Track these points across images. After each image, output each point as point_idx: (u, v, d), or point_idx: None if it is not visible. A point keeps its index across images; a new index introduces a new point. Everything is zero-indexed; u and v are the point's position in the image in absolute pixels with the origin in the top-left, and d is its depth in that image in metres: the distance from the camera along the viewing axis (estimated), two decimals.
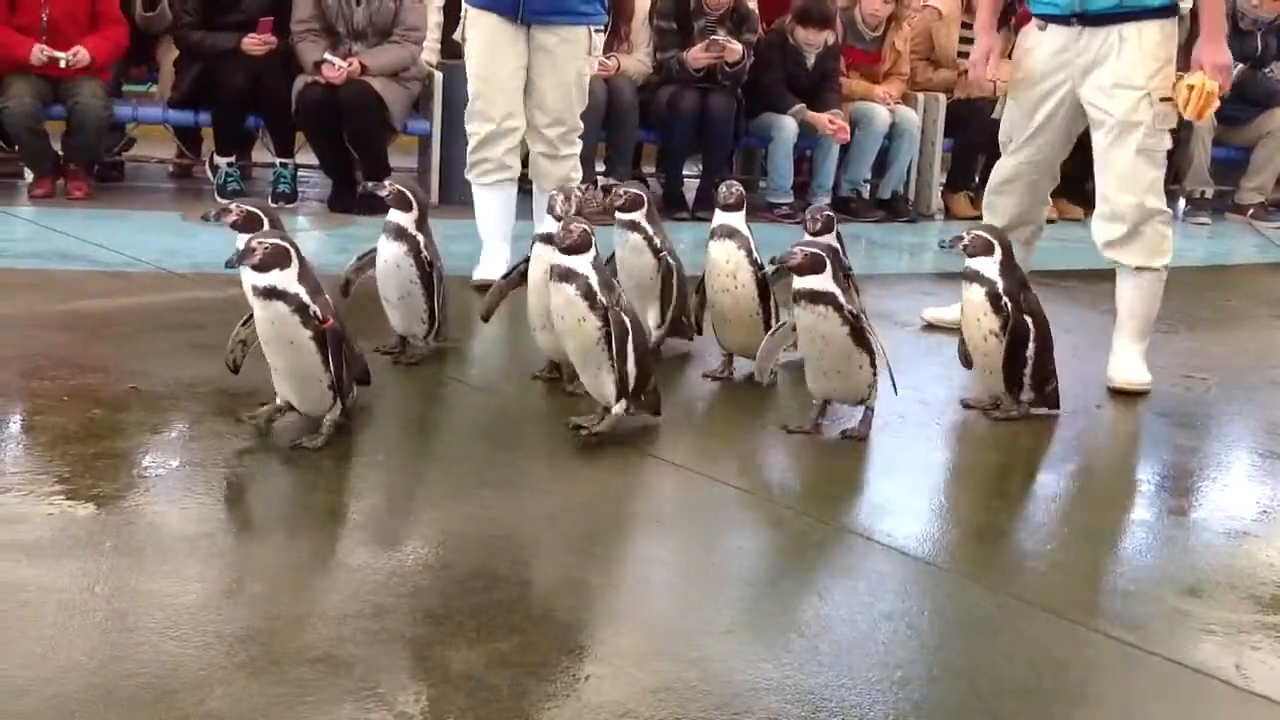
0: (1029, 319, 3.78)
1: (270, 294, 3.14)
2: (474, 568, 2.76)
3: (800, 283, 3.45)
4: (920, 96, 8.22)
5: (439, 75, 7.08)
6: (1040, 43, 4.34)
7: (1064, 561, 3.02)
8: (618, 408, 3.40)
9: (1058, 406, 3.98)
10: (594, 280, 3.33)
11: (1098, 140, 4.24)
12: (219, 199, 6.61)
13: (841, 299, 3.44)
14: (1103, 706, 2.38)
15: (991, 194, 4.58)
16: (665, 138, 7.67)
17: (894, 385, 3.57)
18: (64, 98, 6.40)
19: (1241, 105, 8.55)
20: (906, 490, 3.39)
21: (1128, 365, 4.34)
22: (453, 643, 2.41)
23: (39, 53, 6.32)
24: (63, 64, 6.32)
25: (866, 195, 8.13)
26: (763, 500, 3.25)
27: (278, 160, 6.89)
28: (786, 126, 7.53)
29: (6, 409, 3.15)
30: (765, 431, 3.72)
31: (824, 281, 3.44)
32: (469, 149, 5.21)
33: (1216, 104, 4.15)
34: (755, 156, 8.54)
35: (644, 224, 4.14)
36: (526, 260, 3.86)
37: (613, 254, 4.10)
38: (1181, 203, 9.13)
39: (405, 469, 3.30)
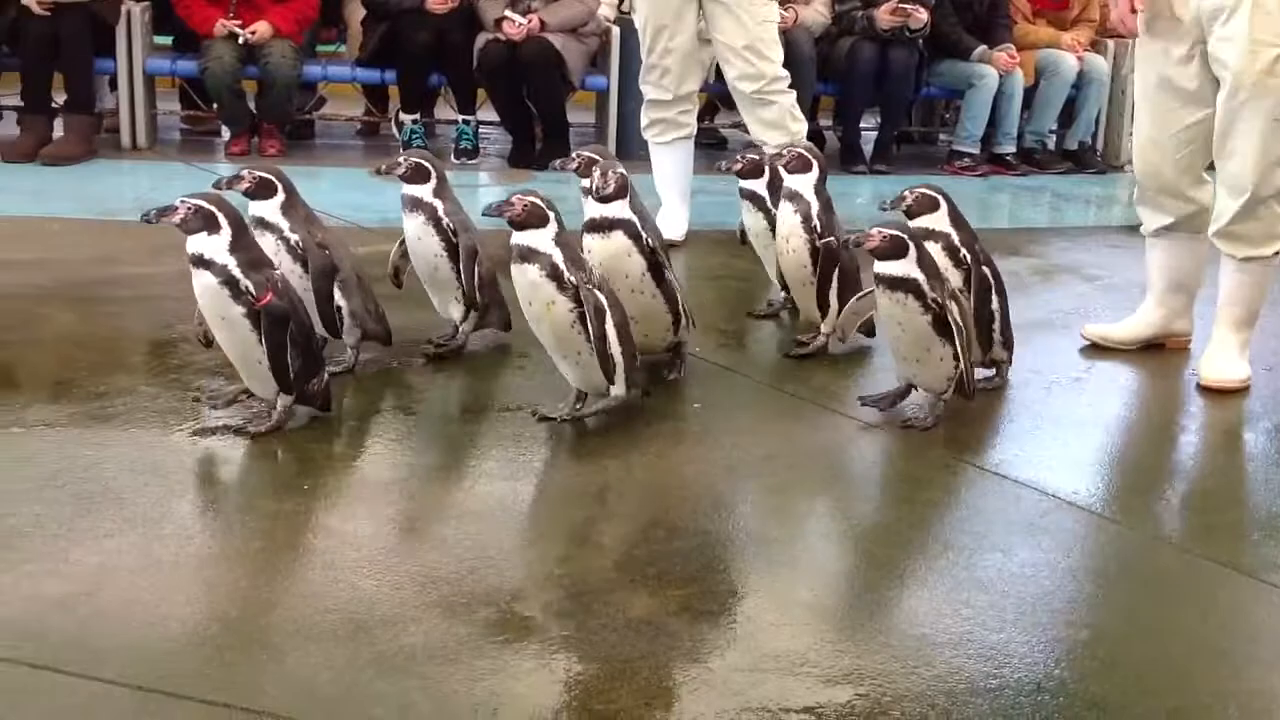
0: (987, 270, 3.55)
1: (198, 262, 2.91)
2: (654, 517, 2.80)
3: (880, 267, 3.20)
4: (1110, 43, 7.93)
5: (616, 30, 7.11)
6: None
7: (1257, 522, 2.92)
8: (617, 390, 3.17)
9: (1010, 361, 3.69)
10: (559, 257, 3.04)
11: (1221, 101, 3.66)
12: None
13: (925, 286, 3.16)
14: None
15: None
16: (843, 90, 7.57)
17: (967, 385, 3.26)
18: (258, 59, 6.63)
19: None
20: (1076, 446, 3.32)
21: (1218, 360, 3.80)
22: (633, 589, 2.46)
23: (221, 27, 6.57)
24: (240, 40, 6.54)
25: (1052, 146, 7.90)
26: (941, 455, 3.21)
27: (460, 117, 7.02)
28: (988, 74, 7.34)
29: (212, 355, 3.31)
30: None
31: (906, 267, 3.16)
32: (644, 108, 5.19)
33: None
34: (935, 107, 8.37)
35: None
36: None
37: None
38: None
39: (579, 422, 3.34)
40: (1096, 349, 4.02)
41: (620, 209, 3.37)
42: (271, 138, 6.79)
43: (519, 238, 3.05)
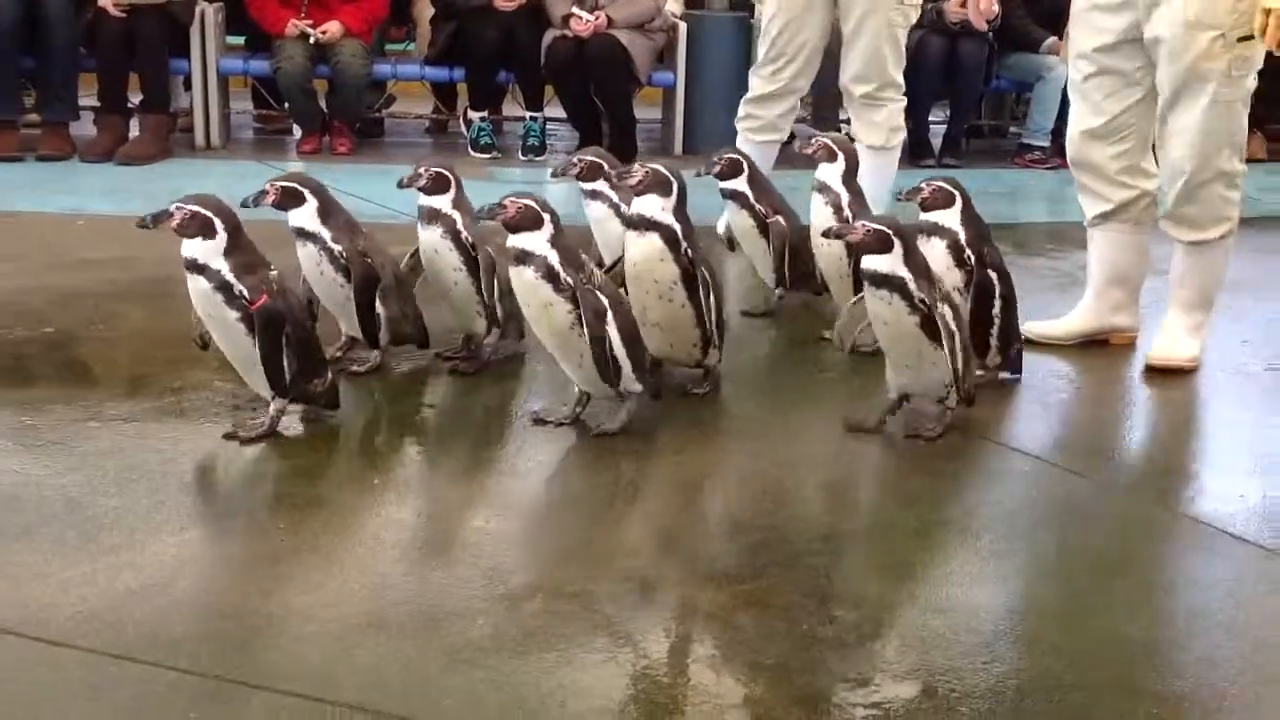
0: (993, 274, 3.45)
1: (192, 267, 2.89)
2: (724, 511, 2.81)
3: (865, 263, 3.04)
4: None
5: (683, 26, 7.11)
6: None
7: None
8: (631, 388, 3.09)
9: (1020, 371, 3.58)
10: (554, 258, 2.97)
11: (1160, 84, 3.58)
12: (473, 153, 6.82)
13: (912, 285, 3.00)
14: None
15: None
16: (911, 83, 7.50)
17: (958, 390, 3.10)
18: (329, 58, 6.71)
19: None
20: (1156, 445, 3.29)
21: (1165, 338, 3.74)
22: (701, 584, 2.46)
23: (293, 27, 6.65)
24: (312, 40, 6.62)
25: None
26: (1014, 451, 3.18)
27: (528, 114, 7.05)
28: (1057, 66, 7.24)
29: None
30: (1020, 386, 3.64)
31: (891, 263, 3.00)
32: (745, 98, 4.97)
33: None
34: (1005, 100, 8.29)
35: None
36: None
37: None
38: None
39: (646, 417, 3.35)
40: (1036, 347, 3.77)
41: (658, 209, 3.23)
42: (342, 136, 6.86)
43: (514, 240, 3.00)
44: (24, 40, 6.27)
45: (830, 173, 3.80)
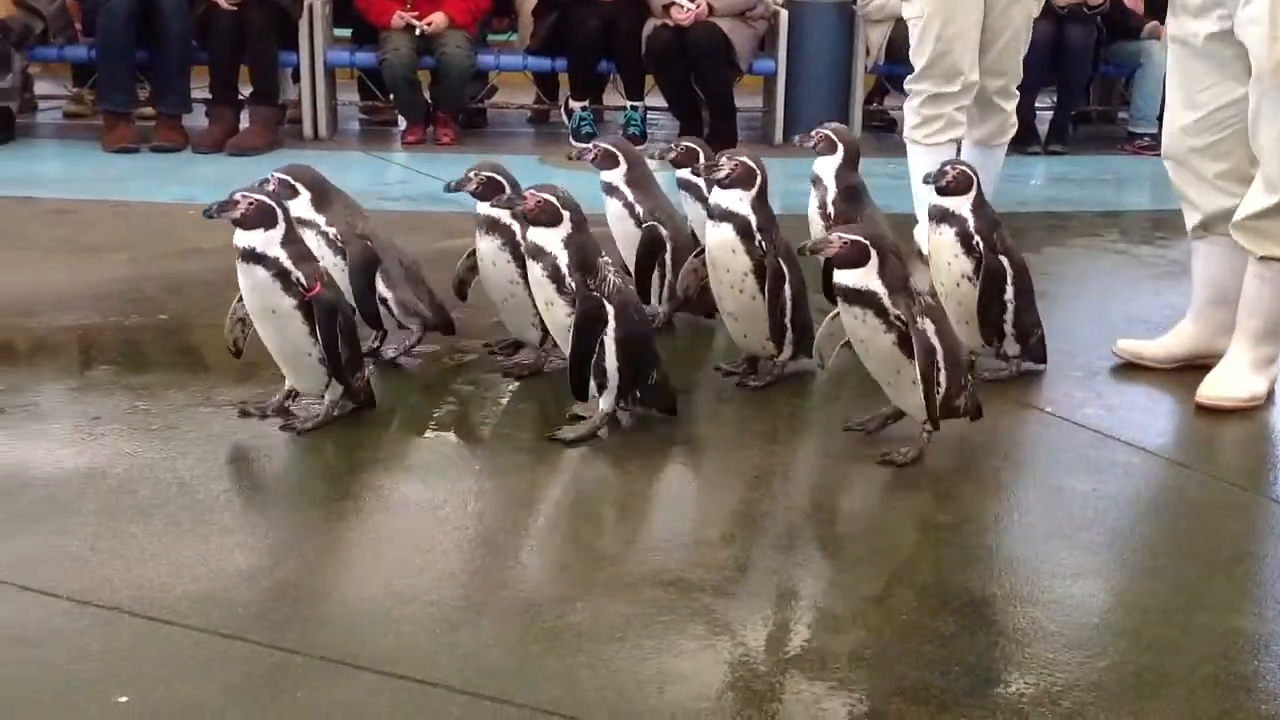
0: (1005, 260, 3.34)
1: (250, 257, 2.89)
2: (820, 501, 2.80)
3: (838, 277, 2.85)
4: None
5: (784, 14, 7.08)
6: None
7: None
8: (604, 405, 2.99)
9: (1044, 360, 3.50)
10: (563, 260, 2.93)
11: (1250, 86, 3.20)
12: (574, 142, 6.86)
13: (886, 301, 2.79)
14: None
15: None
16: None
17: (932, 423, 2.88)
18: (433, 49, 6.79)
19: None
20: (1264, 438, 3.22)
21: (1219, 375, 3.33)
22: (797, 573, 2.47)
23: (399, 19, 6.75)
24: (417, 31, 6.70)
25: None
26: (1113, 442, 3.13)
27: (628, 103, 7.08)
28: (1156, 50, 7.11)
29: (390, 342, 3.43)
30: (1116, 374, 3.58)
31: (864, 278, 2.80)
32: (914, 105, 4.70)
33: None
34: (1114, 85, 8.13)
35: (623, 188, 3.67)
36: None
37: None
38: None
39: (740, 409, 3.35)
40: (1131, 368, 3.57)
41: (737, 200, 3.22)
42: (445, 126, 6.94)
43: (531, 233, 2.98)
44: (139, 34, 6.44)
45: (825, 166, 3.72)
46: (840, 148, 3.73)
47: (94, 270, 4.33)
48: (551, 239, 2.95)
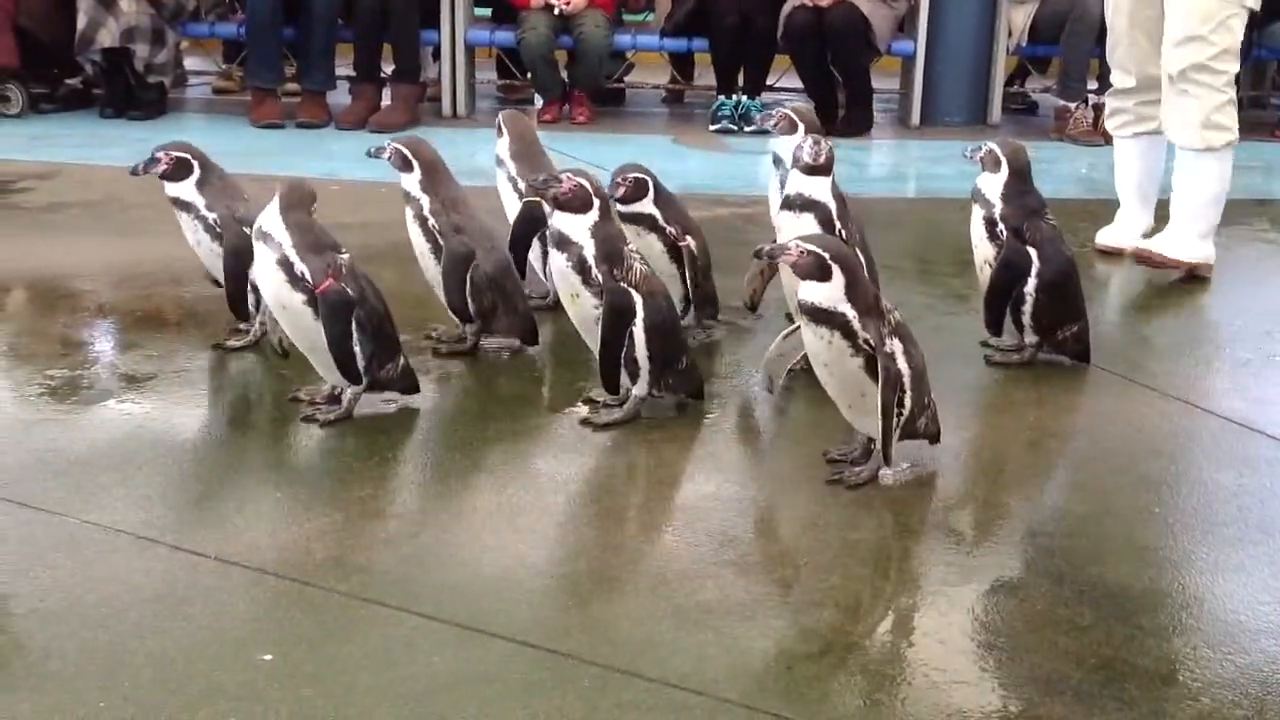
0: (1033, 251, 3.21)
1: (258, 236, 2.84)
2: (950, 486, 2.77)
3: (803, 293, 2.64)
4: None
5: None
6: None
7: None
8: (637, 391, 2.96)
9: (1087, 358, 3.37)
10: (589, 250, 2.87)
11: None
12: (711, 127, 6.85)
13: (855, 324, 2.59)
14: None
15: None
16: None
17: (886, 458, 2.69)
18: (571, 29, 6.84)
19: None
20: None
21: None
22: (928, 558, 2.46)
23: None
24: (556, 11, 6.75)
25: None
26: (1258, 436, 3.04)
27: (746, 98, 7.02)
28: None
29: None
30: (1263, 367, 3.48)
31: (831, 296, 2.59)
32: (1108, 92, 4.61)
33: None
34: (1266, 70, 7.87)
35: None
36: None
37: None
38: None
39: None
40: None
41: (821, 188, 3.18)
42: (581, 105, 6.99)
43: (556, 219, 2.91)
44: (287, 13, 6.60)
45: (785, 145, 3.56)
46: (801, 127, 3.62)
47: None
48: (578, 228, 2.89)
